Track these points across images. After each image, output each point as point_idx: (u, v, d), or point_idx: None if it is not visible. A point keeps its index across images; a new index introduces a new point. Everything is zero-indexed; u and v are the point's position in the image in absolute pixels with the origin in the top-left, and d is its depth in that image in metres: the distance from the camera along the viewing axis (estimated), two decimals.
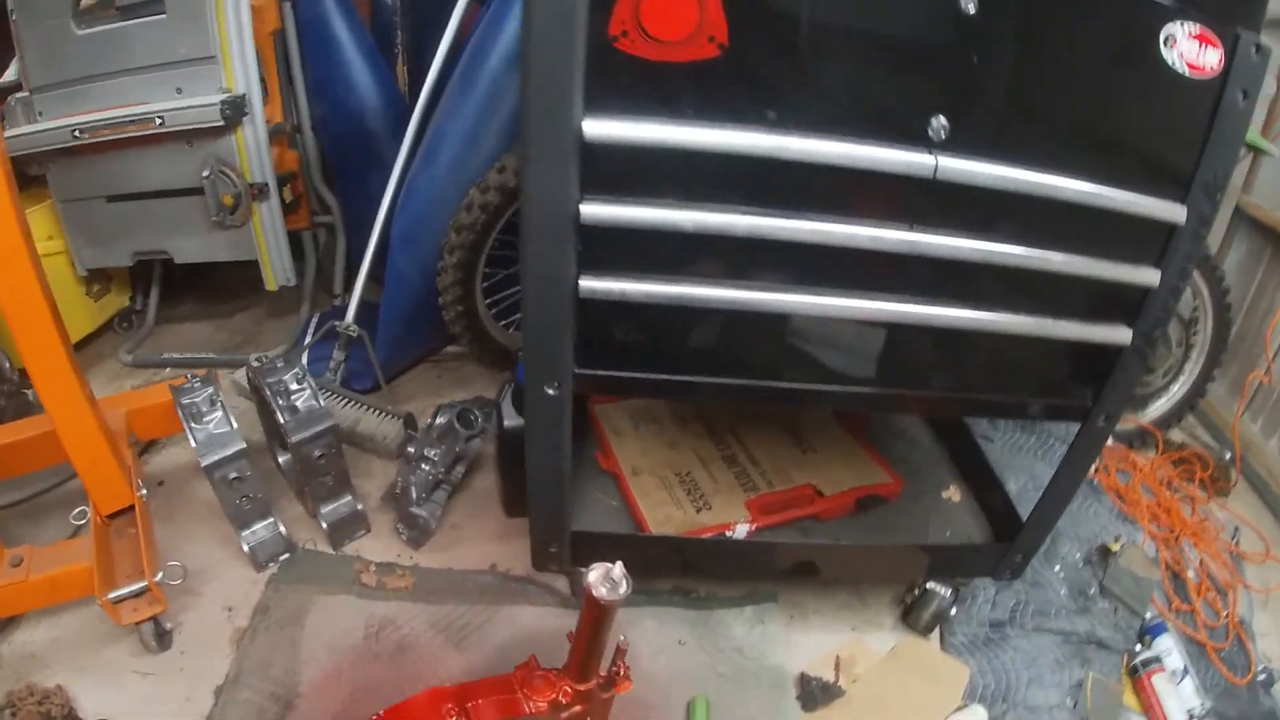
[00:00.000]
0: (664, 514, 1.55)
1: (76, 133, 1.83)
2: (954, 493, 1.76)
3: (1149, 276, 1.21)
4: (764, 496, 1.61)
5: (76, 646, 1.49)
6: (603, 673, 1.13)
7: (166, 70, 1.84)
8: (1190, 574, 2.02)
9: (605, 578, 0.98)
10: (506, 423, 1.60)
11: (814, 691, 1.54)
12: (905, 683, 1.60)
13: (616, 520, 1.57)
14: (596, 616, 1.01)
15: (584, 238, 1.06)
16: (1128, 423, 2.43)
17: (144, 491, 1.59)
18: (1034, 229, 1.15)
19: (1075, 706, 1.66)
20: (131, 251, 2.05)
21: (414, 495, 1.71)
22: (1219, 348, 2.36)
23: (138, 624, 1.45)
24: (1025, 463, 2.18)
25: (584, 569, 1.00)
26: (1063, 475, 1.47)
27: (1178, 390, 2.44)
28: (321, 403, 1.66)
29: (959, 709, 1.55)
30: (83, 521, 1.53)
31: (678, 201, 1.04)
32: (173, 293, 2.40)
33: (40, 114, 1.88)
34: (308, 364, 2.05)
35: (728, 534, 1.52)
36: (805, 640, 1.67)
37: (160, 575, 1.48)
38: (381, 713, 1.09)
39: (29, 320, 1.32)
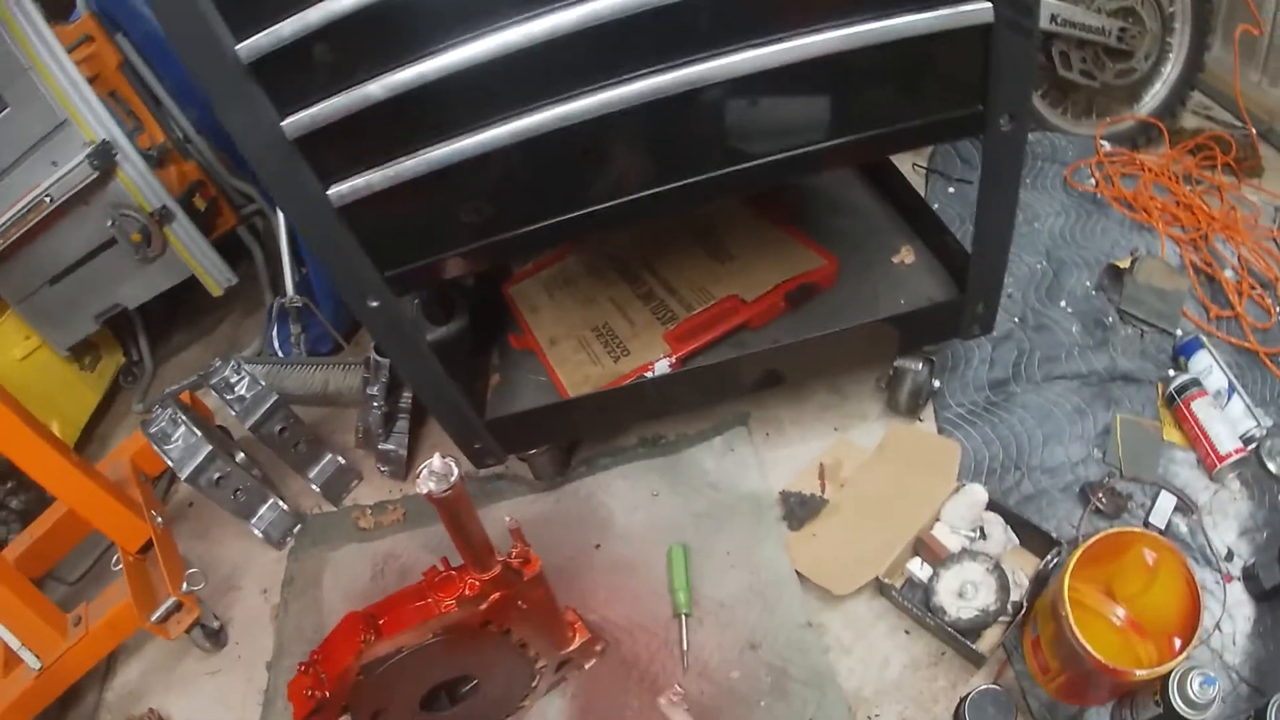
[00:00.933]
0: (581, 375, 1.52)
1: None
2: (906, 255, 1.59)
3: None
4: (683, 324, 1.53)
5: (160, 671, 1.67)
6: (505, 556, 1.11)
7: (35, 153, 1.89)
8: (1228, 274, 1.77)
9: (430, 475, 0.96)
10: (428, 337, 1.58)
11: (794, 509, 1.48)
12: (894, 476, 1.51)
13: (547, 396, 1.53)
14: (444, 512, 0.99)
15: (306, 152, 1.01)
16: (1123, 120, 2.14)
17: (160, 520, 1.71)
18: None
19: (1105, 456, 1.51)
20: (91, 317, 2.16)
21: (376, 433, 1.77)
22: (1203, 11, 2.02)
23: (187, 633, 1.58)
24: None
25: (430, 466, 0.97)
26: (987, 199, 1.26)
27: (1170, 71, 2.12)
28: (263, 383, 1.73)
29: (955, 491, 1.43)
30: (120, 566, 1.65)
31: (365, 73, 0.96)
32: (160, 331, 2.52)
33: None
34: (279, 346, 2.14)
35: (648, 374, 1.45)
36: (784, 456, 1.62)
37: (185, 585, 1.59)
38: (315, 650, 1.13)
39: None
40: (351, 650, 1.08)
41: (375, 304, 1.16)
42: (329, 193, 1.04)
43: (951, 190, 2.09)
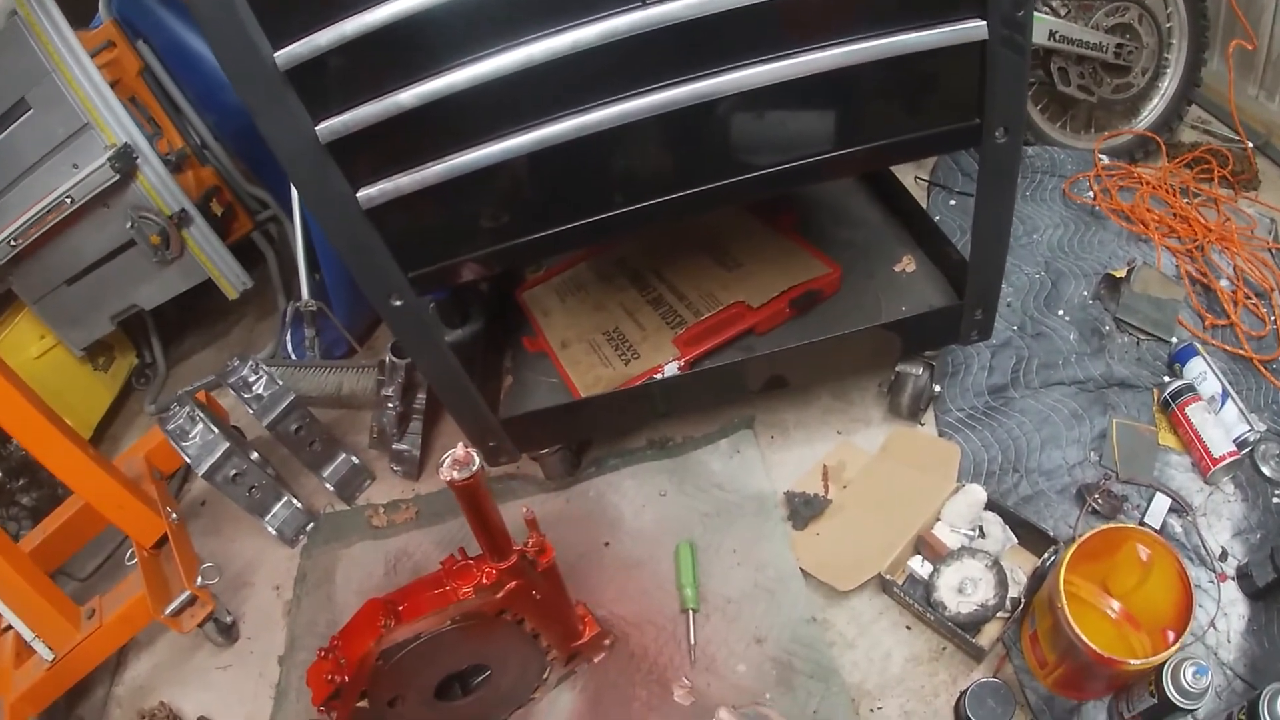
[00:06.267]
0: (593, 376, 1.57)
1: (12, 242, 1.97)
2: (907, 264, 1.64)
3: None
4: (691, 329, 1.58)
5: (171, 665, 1.70)
6: (521, 546, 1.15)
7: (56, 154, 1.94)
8: (1223, 284, 1.82)
9: (453, 463, 1.00)
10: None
11: (799, 508, 1.52)
12: (895, 477, 1.55)
13: (559, 397, 1.58)
14: (464, 499, 1.03)
15: (337, 156, 1.06)
16: (1121, 134, 2.19)
17: (174, 516, 1.74)
18: None
19: (1101, 459, 1.55)
20: (108, 317, 2.20)
21: (390, 433, 1.81)
22: (1200, 26, 2.07)
23: (200, 627, 1.61)
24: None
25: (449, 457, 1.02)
26: (984, 208, 1.31)
27: (1167, 86, 2.17)
28: (280, 383, 1.77)
29: (955, 491, 1.48)
30: (134, 560, 1.69)
31: (396, 83, 1.01)
32: (173, 334, 2.56)
33: None
34: (293, 350, 2.19)
35: (657, 376, 1.50)
36: (788, 458, 1.66)
37: (199, 580, 1.62)
38: (335, 636, 1.17)
39: (21, 424, 1.49)
40: (372, 635, 1.12)
41: (399, 303, 1.20)
42: (358, 195, 1.09)
43: (953, 203, 2.15)
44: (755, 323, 1.56)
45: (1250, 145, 2.12)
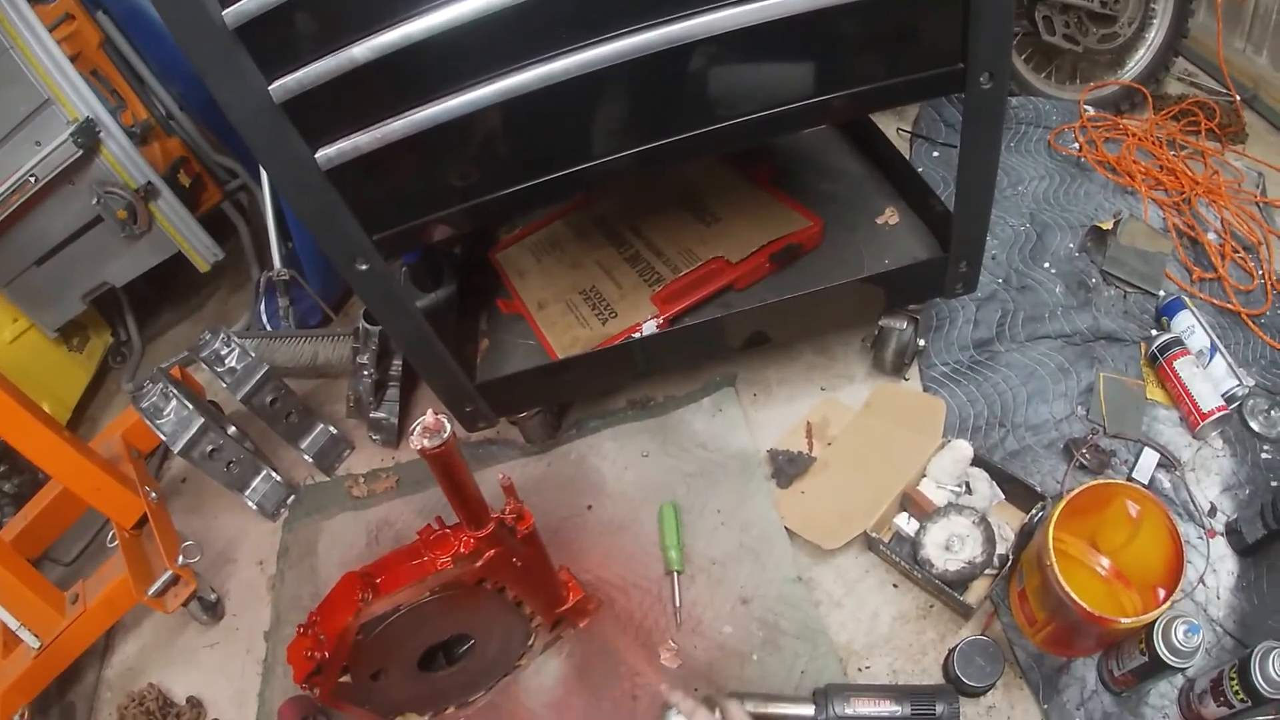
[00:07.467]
0: (570, 337, 1.54)
1: None
2: (890, 216, 1.61)
3: None
4: (670, 285, 1.55)
5: (158, 646, 1.68)
6: (499, 513, 1.13)
7: (18, 133, 1.89)
8: (1210, 236, 1.79)
9: (423, 431, 0.97)
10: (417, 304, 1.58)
11: (783, 466, 1.51)
12: (880, 433, 1.53)
13: (536, 359, 1.55)
14: (436, 467, 1.00)
15: (293, 116, 1.02)
16: (1107, 85, 2.15)
17: (154, 495, 1.71)
18: None
19: (1089, 413, 1.53)
20: (79, 297, 2.16)
21: (367, 401, 1.79)
22: None
23: (184, 606, 1.59)
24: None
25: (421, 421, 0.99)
26: (968, 158, 1.27)
27: (1154, 37, 2.11)
28: (253, 355, 1.74)
29: (941, 447, 1.46)
30: (116, 542, 1.66)
31: (350, 36, 0.96)
32: (148, 310, 2.51)
33: None
34: (268, 320, 2.14)
35: (636, 335, 1.47)
36: (772, 416, 1.64)
37: (181, 559, 1.60)
38: (313, 611, 1.15)
39: None
40: (350, 609, 1.10)
41: (364, 267, 1.16)
42: (317, 156, 1.05)
43: (936, 155, 2.11)
44: (735, 278, 1.53)
45: (1238, 98, 2.09)
